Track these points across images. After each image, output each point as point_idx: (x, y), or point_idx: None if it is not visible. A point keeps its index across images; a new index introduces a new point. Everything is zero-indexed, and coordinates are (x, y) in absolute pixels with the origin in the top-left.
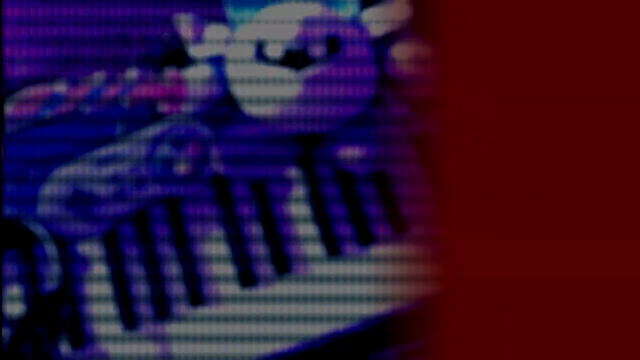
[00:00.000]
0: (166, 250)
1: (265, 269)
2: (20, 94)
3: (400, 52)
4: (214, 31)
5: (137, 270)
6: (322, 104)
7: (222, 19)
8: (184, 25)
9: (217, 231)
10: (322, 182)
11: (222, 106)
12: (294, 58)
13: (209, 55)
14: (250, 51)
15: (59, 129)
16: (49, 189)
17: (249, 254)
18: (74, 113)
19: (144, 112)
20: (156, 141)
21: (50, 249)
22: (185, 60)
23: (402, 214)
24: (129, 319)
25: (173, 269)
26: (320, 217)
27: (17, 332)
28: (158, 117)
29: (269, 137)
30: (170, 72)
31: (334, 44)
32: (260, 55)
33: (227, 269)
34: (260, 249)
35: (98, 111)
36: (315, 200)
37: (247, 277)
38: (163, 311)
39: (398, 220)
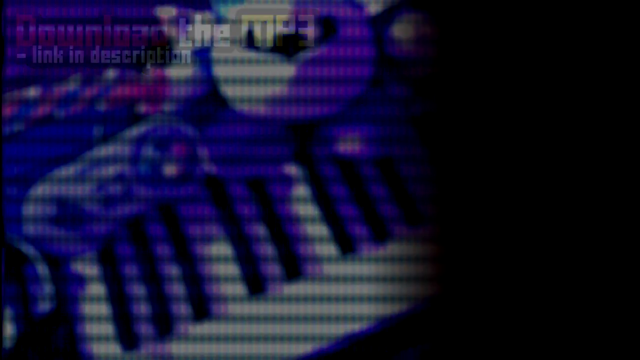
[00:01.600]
0: (165, 263)
1: (273, 272)
2: None
3: (400, 31)
4: (199, 21)
5: (135, 287)
6: (318, 90)
7: (207, 7)
8: (167, 18)
9: (218, 237)
10: (323, 174)
11: (210, 102)
12: (286, 43)
13: (193, 48)
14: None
15: (34, 134)
16: (32, 208)
17: (256, 259)
18: (49, 117)
19: (123, 114)
20: (137, 146)
21: (41, 269)
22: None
23: (412, 201)
24: (129, 339)
25: (174, 284)
26: (327, 211)
27: (10, 356)
28: (137, 119)
29: (264, 131)
30: (151, 70)
31: (328, 25)
32: (250, 43)
33: (233, 276)
34: (267, 253)
35: (74, 115)
36: (319, 196)
37: (255, 284)
38: (165, 329)
39: (410, 210)
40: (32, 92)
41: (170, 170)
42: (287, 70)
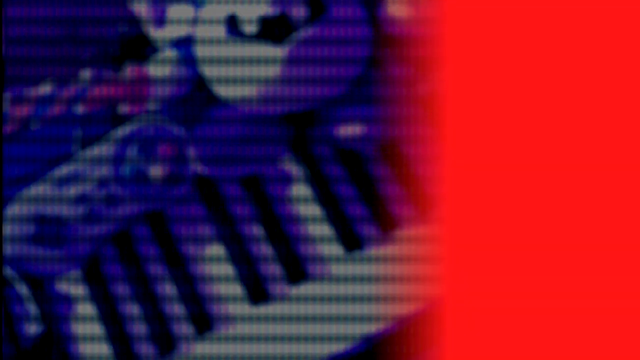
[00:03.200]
0: (159, 278)
1: (275, 275)
2: None
3: (396, 9)
4: (178, 11)
5: (129, 305)
6: (311, 76)
7: None
8: (143, 7)
9: (215, 244)
10: (323, 164)
11: (197, 97)
12: (273, 28)
13: (174, 40)
14: (221, 29)
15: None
16: (9, 227)
17: (256, 264)
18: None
19: (104, 117)
20: (122, 149)
21: (24, 290)
22: (146, 51)
23: (420, 188)
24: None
25: (172, 300)
26: (330, 205)
27: None
28: (120, 120)
29: (258, 124)
30: (130, 68)
31: (316, 4)
32: (234, 31)
33: (235, 287)
34: (268, 257)
35: (51, 123)
36: (322, 193)
37: (257, 292)
38: (166, 347)
39: (418, 198)
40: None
41: (158, 173)
42: (277, 54)
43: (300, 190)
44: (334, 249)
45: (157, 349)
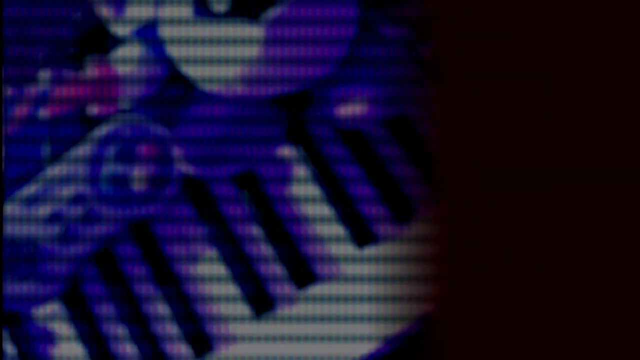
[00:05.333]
0: (150, 294)
1: (282, 284)
2: None
3: None
4: None
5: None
6: (297, 52)
7: None
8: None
9: (209, 252)
10: (324, 147)
11: (171, 90)
12: (247, 3)
13: (136, 27)
14: (187, 9)
15: None
16: None
17: (257, 270)
18: None
19: (72, 120)
20: (98, 152)
21: None
22: (108, 43)
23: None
24: None
25: (166, 322)
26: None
27: None
28: (91, 123)
29: (245, 113)
30: (92, 64)
31: None
32: (202, 11)
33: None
34: (271, 261)
35: (12, 132)
36: (325, 179)
37: (260, 300)
38: None
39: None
40: None
41: (140, 177)
42: (254, 33)
43: (302, 181)
44: (344, 247)
45: None
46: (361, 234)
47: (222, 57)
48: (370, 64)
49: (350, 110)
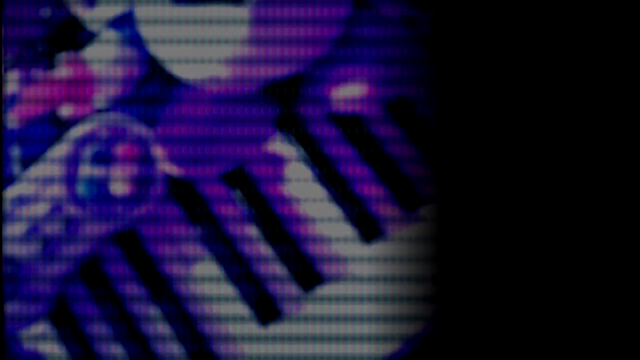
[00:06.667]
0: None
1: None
2: None
3: None
4: None
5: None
6: (287, 32)
7: None
8: None
9: (205, 252)
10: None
11: (153, 84)
12: None
13: (110, 19)
14: None
15: None
16: None
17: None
18: None
19: (44, 121)
20: (75, 153)
21: None
22: (80, 39)
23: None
24: None
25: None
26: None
27: None
28: (64, 126)
29: (228, 107)
30: (64, 61)
31: None
32: None
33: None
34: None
35: None
36: (316, 160)
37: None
38: None
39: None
40: None
41: (121, 183)
42: (238, 14)
43: (298, 173)
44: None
45: None
46: (368, 230)
47: (205, 41)
48: (369, 43)
49: (348, 91)
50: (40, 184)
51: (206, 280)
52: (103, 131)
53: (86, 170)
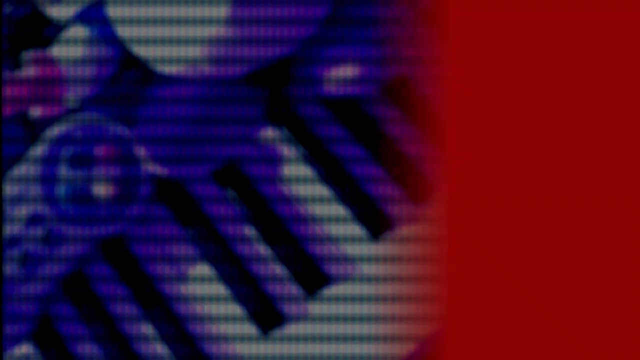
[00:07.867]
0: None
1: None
2: None
3: None
4: None
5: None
6: (271, 13)
7: None
8: None
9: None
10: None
11: (124, 83)
12: None
13: (79, 11)
14: None
15: None
16: None
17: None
18: None
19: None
20: (50, 165)
21: None
22: (47, 34)
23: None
24: None
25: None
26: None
27: None
28: (35, 126)
29: (213, 98)
30: (31, 60)
31: None
32: None
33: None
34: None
35: None
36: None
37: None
38: None
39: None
40: None
41: (105, 183)
42: None
43: (296, 171)
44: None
45: None
46: (375, 226)
47: (187, 21)
48: (363, 23)
49: (341, 72)
50: (15, 185)
51: (199, 280)
52: (79, 132)
53: (65, 172)
